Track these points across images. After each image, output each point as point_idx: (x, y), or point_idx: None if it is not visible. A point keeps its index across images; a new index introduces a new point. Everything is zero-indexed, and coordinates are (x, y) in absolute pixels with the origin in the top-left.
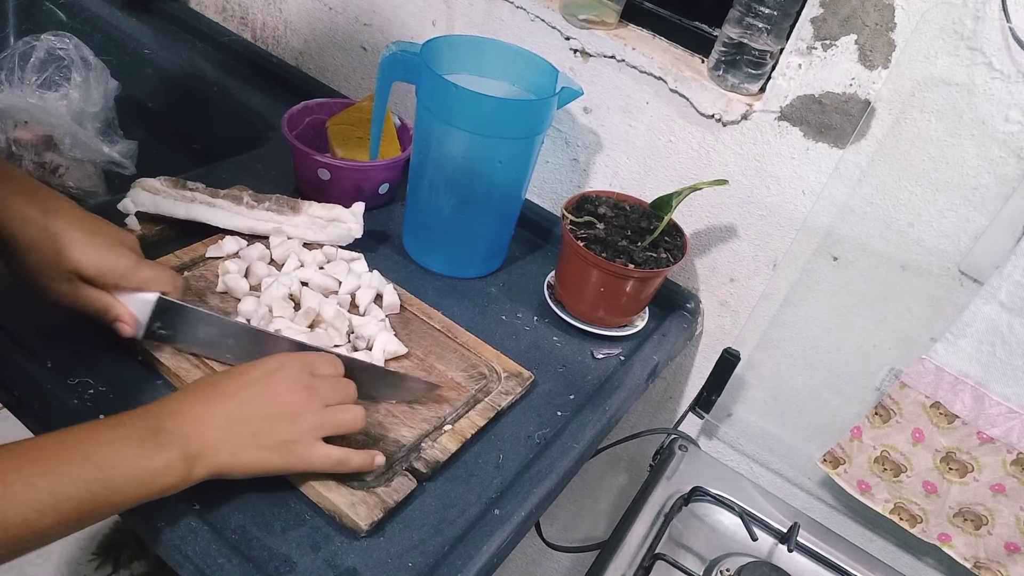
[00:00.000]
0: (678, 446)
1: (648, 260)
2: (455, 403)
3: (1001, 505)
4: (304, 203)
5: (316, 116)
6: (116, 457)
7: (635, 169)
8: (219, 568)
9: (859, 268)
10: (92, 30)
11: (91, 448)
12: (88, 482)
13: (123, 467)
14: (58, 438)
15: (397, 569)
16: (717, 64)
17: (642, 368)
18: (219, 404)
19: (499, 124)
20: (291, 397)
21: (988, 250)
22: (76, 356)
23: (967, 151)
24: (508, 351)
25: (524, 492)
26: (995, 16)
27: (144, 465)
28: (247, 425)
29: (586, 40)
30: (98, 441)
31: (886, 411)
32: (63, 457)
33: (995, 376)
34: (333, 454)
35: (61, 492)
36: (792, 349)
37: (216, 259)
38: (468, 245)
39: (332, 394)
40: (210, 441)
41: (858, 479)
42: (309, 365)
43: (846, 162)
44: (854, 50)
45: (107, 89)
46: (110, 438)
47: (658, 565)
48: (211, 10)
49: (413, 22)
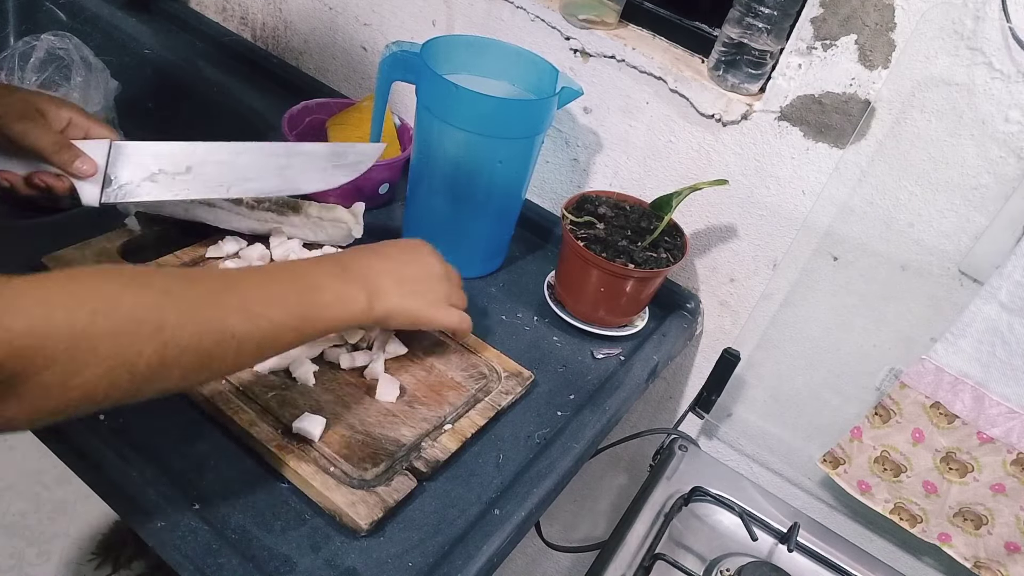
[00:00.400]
0: (678, 446)
1: (648, 260)
2: (455, 403)
3: (1001, 505)
4: (304, 203)
5: (316, 116)
6: (321, 278)
7: (635, 169)
8: (219, 568)
9: (859, 268)
10: (92, 30)
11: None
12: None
13: (326, 289)
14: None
15: (397, 569)
16: (717, 64)
17: (642, 368)
18: (384, 262)
19: (499, 124)
20: (434, 267)
21: (988, 250)
22: None
23: (967, 151)
24: (508, 351)
25: (524, 492)
26: (995, 16)
27: (340, 289)
28: (407, 278)
29: (586, 40)
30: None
31: (886, 411)
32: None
33: (995, 376)
34: (456, 316)
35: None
36: (792, 349)
37: (216, 259)
38: (468, 245)
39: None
40: (383, 285)
41: (858, 479)
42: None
43: (846, 162)
44: (854, 50)
45: (107, 89)
46: (312, 266)
47: (658, 565)
48: (211, 10)
49: (413, 22)
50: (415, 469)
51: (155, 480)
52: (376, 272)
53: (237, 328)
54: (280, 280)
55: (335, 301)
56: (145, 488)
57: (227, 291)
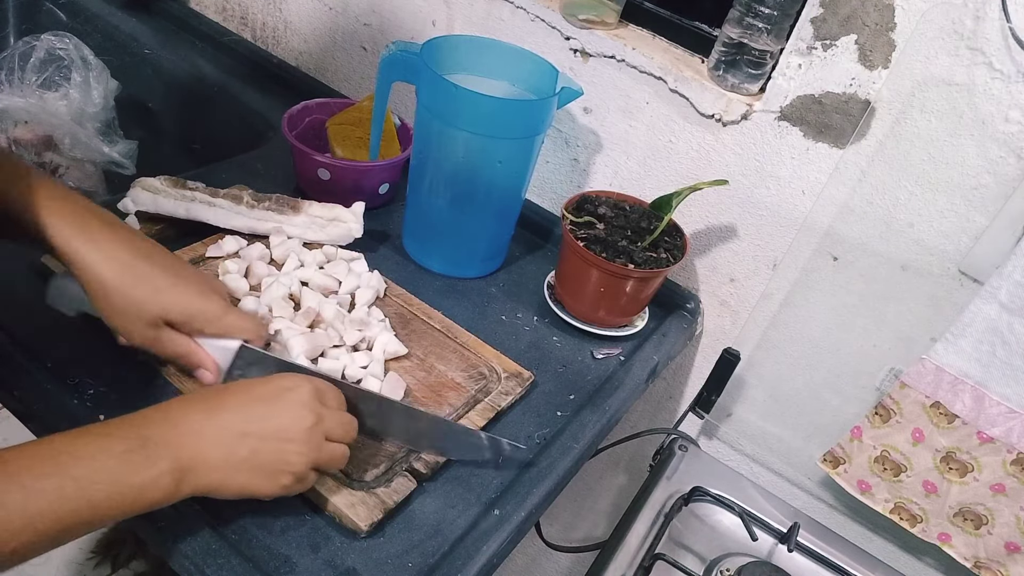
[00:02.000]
0: (678, 446)
1: (648, 260)
2: (455, 403)
3: (1001, 505)
4: (304, 203)
5: (316, 116)
6: (98, 472)
7: (635, 169)
8: (219, 568)
9: (859, 268)
10: (92, 30)
11: (71, 462)
12: (67, 499)
13: (105, 483)
14: (36, 449)
15: (397, 569)
16: (717, 64)
17: (642, 368)
18: (220, 417)
19: (499, 124)
20: (298, 423)
21: (988, 250)
22: (76, 356)
23: (967, 151)
24: (508, 351)
25: (524, 492)
26: (995, 16)
27: (128, 481)
28: (245, 444)
29: (586, 40)
30: (78, 455)
31: (886, 411)
32: (38, 471)
33: (995, 376)
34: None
35: (34, 509)
36: (792, 349)
37: (216, 259)
38: (468, 245)
39: (336, 428)
40: (204, 457)
41: (858, 479)
42: (321, 393)
43: (846, 162)
44: (854, 50)
45: (107, 89)
46: (92, 451)
47: (658, 565)
48: (211, 10)
49: (413, 22)
50: (415, 470)
51: None
52: (196, 436)
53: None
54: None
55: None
56: None
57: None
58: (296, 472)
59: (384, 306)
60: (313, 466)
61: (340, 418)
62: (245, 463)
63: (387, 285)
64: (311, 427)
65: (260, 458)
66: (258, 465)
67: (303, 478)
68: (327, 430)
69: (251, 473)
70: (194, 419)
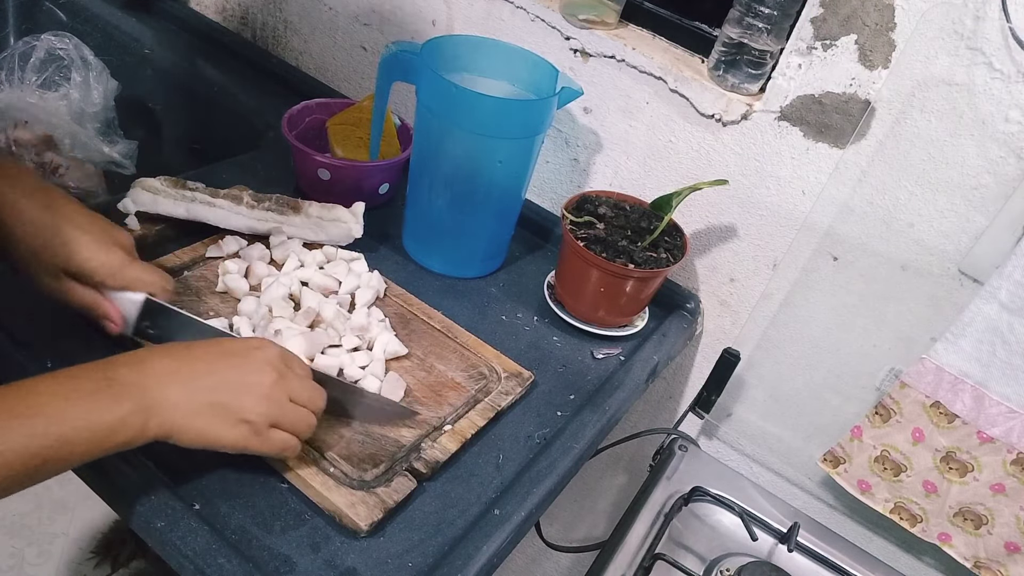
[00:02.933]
0: (678, 446)
1: (648, 260)
2: (455, 403)
3: (1001, 505)
4: (304, 203)
5: (316, 116)
6: (68, 410)
7: (635, 169)
8: (219, 568)
9: (859, 268)
10: (92, 30)
11: (42, 400)
12: (38, 436)
13: (75, 421)
14: (5, 390)
15: (397, 569)
16: (717, 64)
17: (642, 368)
18: (187, 365)
19: (499, 124)
20: (261, 377)
21: (988, 250)
22: (76, 356)
23: (967, 151)
24: (508, 351)
25: (524, 492)
26: (995, 16)
27: (98, 419)
28: (210, 392)
29: (586, 40)
30: (50, 393)
31: (886, 411)
32: (11, 410)
33: (995, 376)
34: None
35: (7, 446)
36: (792, 349)
37: (216, 259)
38: (468, 245)
39: (300, 391)
40: (167, 397)
41: (858, 479)
42: (287, 358)
43: (846, 162)
44: (854, 50)
45: (107, 89)
46: (63, 390)
47: (658, 565)
48: (211, 10)
49: (413, 22)
50: (415, 470)
51: (155, 480)
52: (160, 378)
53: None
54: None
55: (87, 432)
56: (145, 488)
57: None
58: (253, 422)
59: (384, 306)
60: (273, 422)
61: (304, 383)
62: (206, 407)
63: (387, 285)
64: (273, 383)
65: (220, 404)
66: (218, 411)
67: (261, 432)
68: (291, 390)
69: (210, 417)
70: (160, 364)
